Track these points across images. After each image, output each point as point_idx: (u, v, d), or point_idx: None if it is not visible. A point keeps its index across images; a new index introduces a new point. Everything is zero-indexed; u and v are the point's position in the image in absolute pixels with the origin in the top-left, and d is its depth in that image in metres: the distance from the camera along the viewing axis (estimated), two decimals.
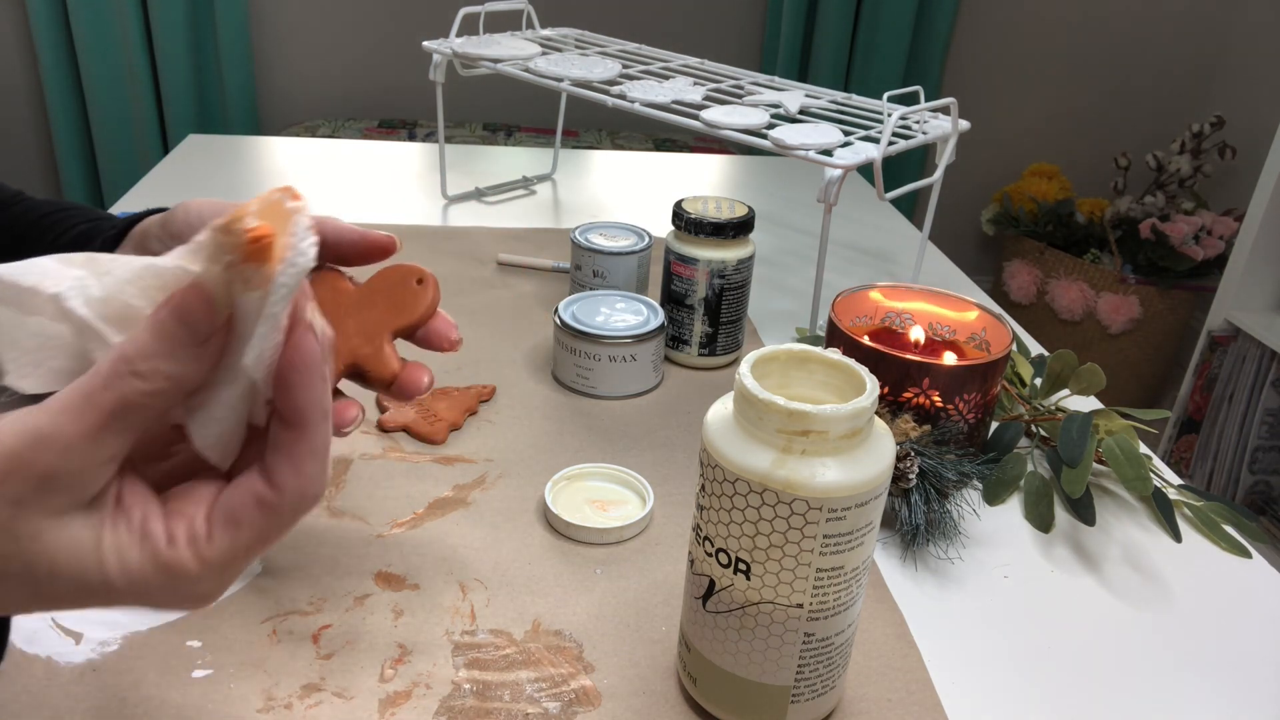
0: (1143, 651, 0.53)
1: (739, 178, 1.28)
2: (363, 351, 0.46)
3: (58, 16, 2.20)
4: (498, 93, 2.48)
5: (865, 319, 0.70)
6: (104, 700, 0.44)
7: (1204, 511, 0.64)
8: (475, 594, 0.53)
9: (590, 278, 0.81)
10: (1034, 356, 0.78)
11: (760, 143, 0.77)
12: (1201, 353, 1.89)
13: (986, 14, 2.53)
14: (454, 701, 0.46)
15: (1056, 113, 2.65)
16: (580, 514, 0.58)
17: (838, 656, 0.44)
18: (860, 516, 0.40)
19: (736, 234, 0.74)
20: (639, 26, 2.46)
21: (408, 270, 0.48)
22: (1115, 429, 0.65)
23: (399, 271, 0.48)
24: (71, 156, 2.34)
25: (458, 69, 1.00)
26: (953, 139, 0.84)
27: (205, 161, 1.18)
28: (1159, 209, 2.34)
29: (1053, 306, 2.35)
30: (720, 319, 0.76)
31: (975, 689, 0.50)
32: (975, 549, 0.60)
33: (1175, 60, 2.60)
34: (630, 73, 0.94)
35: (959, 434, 0.63)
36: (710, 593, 0.43)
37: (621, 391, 0.73)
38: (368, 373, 0.46)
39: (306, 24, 2.38)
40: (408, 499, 0.60)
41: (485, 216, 1.07)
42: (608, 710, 0.46)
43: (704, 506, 0.42)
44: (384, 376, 0.46)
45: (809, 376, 0.44)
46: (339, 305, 0.48)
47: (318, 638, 0.49)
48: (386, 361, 0.46)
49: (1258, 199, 1.74)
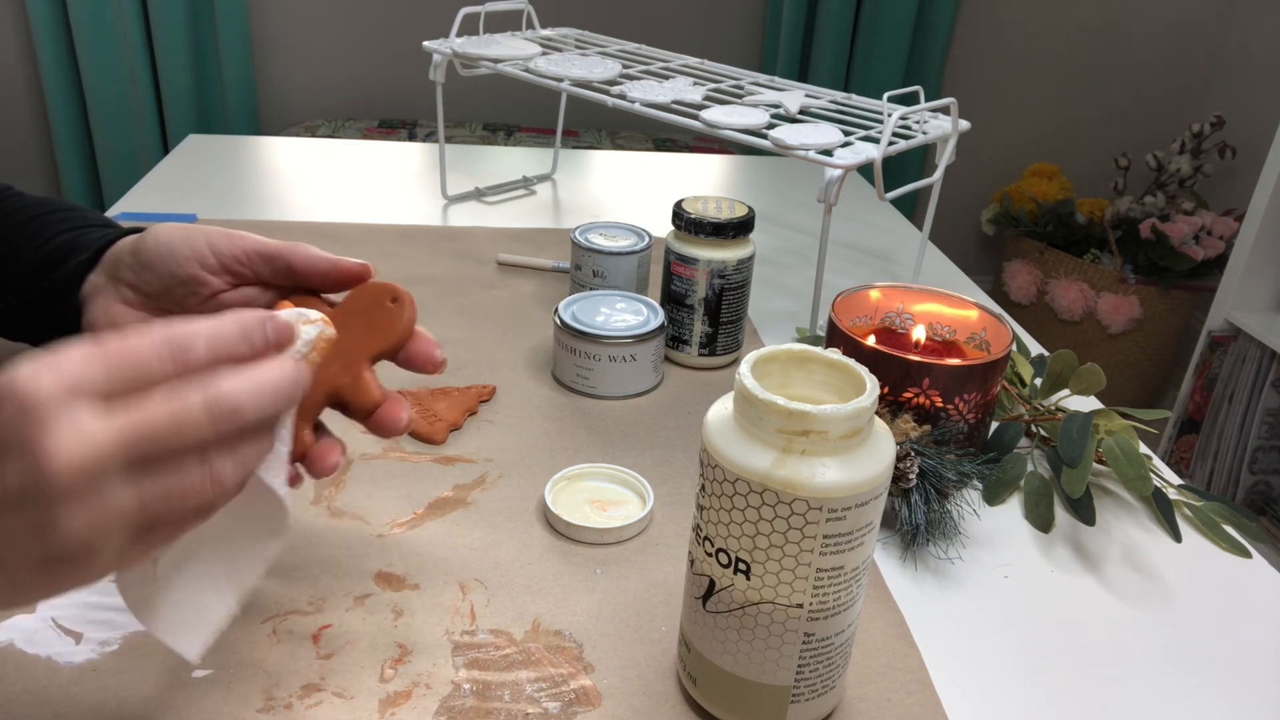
0: (1143, 651, 0.53)
1: (739, 178, 1.28)
2: (341, 381, 0.44)
3: (58, 16, 2.20)
4: (498, 93, 2.48)
5: (865, 319, 0.70)
6: (104, 700, 0.44)
7: (1204, 511, 0.64)
8: (475, 594, 0.53)
9: (590, 278, 0.81)
10: (1034, 356, 0.78)
11: (760, 143, 0.77)
12: (1201, 353, 1.89)
13: (986, 14, 2.53)
14: (454, 701, 0.46)
15: (1056, 113, 2.65)
16: (580, 514, 0.58)
17: (838, 656, 0.44)
18: (860, 516, 0.40)
19: (736, 234, 0.74)
20: (639, 26, 2.46)
21: (381, 289, 0.46)
22: (1115, 429, 0.65)
23: (372, 291, 0.46)
24: (71, 156, 2.34)
25: (458, 69, 1.00)
26: (953, 139, 0.84)
27: (205, 161, 1.18)
28: (1159, 209, 2.34)
29: (1053, 306, 2.35)
30: (720, 319, 0.76)
31: (975, 689, 0.50)
32: (975, 549, 0.60)
33: (1175, 60, 2.60)
34: (630, 73, 0.94)
35: (959, 434, 0.63)
36: (710, 593, 0.43)
37: (621, 391, 0.73)
38: (349, 402, 0.44)
39: (306, 24, 2.38)
40: (408, 499, 0.60)
41: (485, 216, 1.07)
42: (608, 710, 0.46)
43: (704, 506, 0.42)
44: (365, 406, 0.44)
45: (809, 376, 0.44)
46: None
47: (318, 638, 0.49)
48: (367, 390, 0.44)
49: (1258, 199, 1.74)
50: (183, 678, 0.46)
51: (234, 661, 0.47)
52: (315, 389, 0.43)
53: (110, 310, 0.49)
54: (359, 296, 0.46)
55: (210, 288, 0.47)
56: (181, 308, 0.48)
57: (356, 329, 0.45)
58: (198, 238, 0.47)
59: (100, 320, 0.49)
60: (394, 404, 0.45)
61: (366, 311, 0.45)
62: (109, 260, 0.51)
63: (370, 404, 0.44)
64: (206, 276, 0.47)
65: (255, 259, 0.47)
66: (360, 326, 0.45)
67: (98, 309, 0.50)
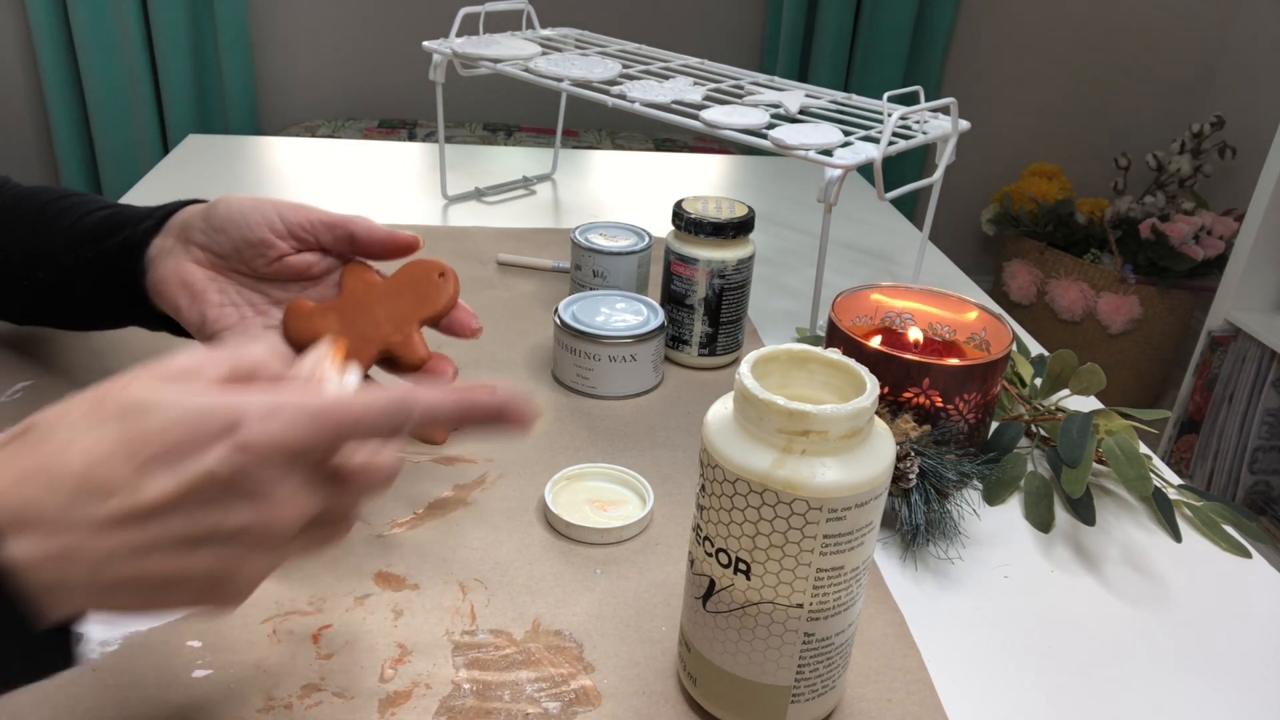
0: (1143, 651, 0.53)
1: (739, 178, 1.28)
2: (394, 339, 0.51)
3: (58, 16, 2.20)
4: (498, 93, 2.48)
5: (865, 319, 0.70)
6: (104, 700, 0.44)
7: (1204, 511, 0.64)
8: (475, 594, 0.53)
9: (590, 278, 0.81)
10: (1034, 356, 0.78)
11: (760, 143, 0.77)
12: (1201, 353, 1.89)
13: (986, 14, 2.53)
14: (454, 701, 0.46)
15: (1056, 113, 2.65)
16: (580, 514, 0.58)
17: (838, 656, 0.44)
18: (860, 516, 0.40)
19: (736, 234, 0.74)
20: (639, 26, 2.46)
21: (430, 265, 0.53)
22: (1115, 429, 0.65)
23: (422, 266, 0.53)
24: (71, 157, 2.34)
25: (458, 69, 1.00)
26: (953, 139, 0.84)
27: (205, 161, 1.18)
28: (1159, 209, 2.34)
29: (1053, 306, 2.35)
30: (720, 319, 0.76)
31: (975, 689, 0.50)
32: (975, 549, 0.60)
33: (1175, 60, 2.60)
34: (630, 73, 0.94)
35: (959, 434, 0.63)
36: (710, 593, 0.43)
37: (621, 391, 0.73)
38: (398, 358, 0.51)
39: (306, 24, 2.38)
40: (408, 499, 0.60)
41: (485, 216, 1.07)
42: (608, 710, 0.46)
43: (704, 506, 0.42)
44: (413, 361, 0.51)
45: (809, 376, 0.44)
46: (369, 296, 0.53)
47: (318, 638, 0.49)
48: (415, 348, 0.51)
49: (1258, 199, 1.74)
50: (183, 678, 0.46)
51: (234, 661, 0.47)
52: (369, 344, 0.51)
53: (181, 268, 0.55)
54: (410, 270, 0.53)
55: (277, 250, 0.54)
56: (250, 267, 0.54)
57: (408, 298, 0.52)
58: (267, 206, 0.53)
59: (171, 276, 0.55)
60: (440, 359, 0.52)
61: (417, 283, 0.53)
62: (177, 224, 0.56)
63: (417, 360, 0.51)
64: (275, 240, 0.53)
65: (319, 227, 0.54)
66: (411, 296, 0.52)
67: (168, 267, 0.55)
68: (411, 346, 0.51)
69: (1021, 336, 0.85)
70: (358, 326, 0.52)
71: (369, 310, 0.52)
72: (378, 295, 0.53)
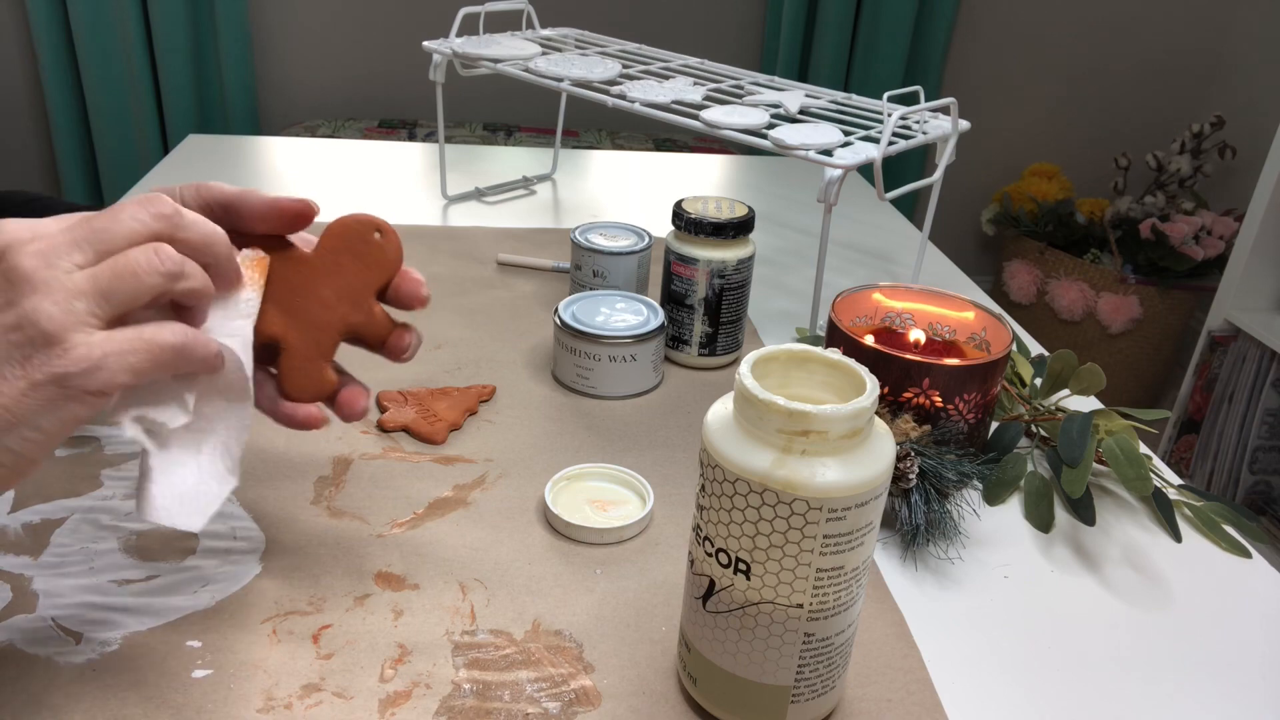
0: (1143, 651, 0.53)
1: (739, 178, 1.28)
2: (355, 319, 0.46)
3: (58, 16, 2.20)
4: (498, 93, 2.48)
5: (865, 319, 0.70)
6: (104, 700, 0.44)
7: (1204, 511, 0.64)
8: (475, 594, 0.53)
9: (590, 278, 0.81)
10: (1034, 356, 0.78)
11: (760, 143, 0.77)
12: (1201, 353, 1.89)
13: (986, 14, 2.53)
14: (454, 701, 0.46)
15: (1056, 113, 2.65)
16: (580, 514, 0.58)
17: (838, 656, 0.44)
18: (860, 516, 0.40)
19: (736, 234, 0.74)
20: (639, 26, 2.46)
21: (364, 223, 0.46)
22: (1115, 429, 0.65)
23: (354, 227, 0.46)
24: (71, 156, 2.34)
25: (458, 69, 1.00)
26: (953, 139, 0.84)
27: (205, 161, 1.18)
28: (1159, 209, 2.34)
29: (1053, 306, 2.35)
30: (720, 319, 0.76)
31: (975, 689, 0.50)
32: (975, 549, 0.60)
33: (1175, 60, 2.60)
34: (630, 73, 0.94)
35: (959, 434, 0.63)
36: (710, 593, 0.43)
37: (621, 391, 0.73)
38: (364, 336, 0.47)
39: (306, 24, 2.38)
40: (408, 499, 0.60)
41: (485, 216, 1.07)
42: (608, 710, 0.46)
43: (704, 506, 0.42)
44: (380, 336, 0.47)
45: (809, 376, 0.44)
46: (303, 275, 0.46)
47: (318, 638, 0.49)
48: (379, 323, 0.46)
49: (1258, 199, 1.74)
50: (183, 678, 0.46)
51: (234, 661, 0.47)
52: (330, 328, 0.46)
53: None
54: (339, 235, 0.46)
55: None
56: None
57: (350, 267, 0.46)
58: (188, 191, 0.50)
59: None
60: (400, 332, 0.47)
61: (354, 248, 0.46)
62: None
63: (385, 334, 0.46)
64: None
65: (216, 208, 0.47)
66: (353, 264, 0.46)
67: None
68: (375, 323, 0.46)
69: (1021, 336, 0.85)
70: (307, 315, 0.45)
71: (311, 291, 0.45)
72: (313, 271, 0.45)
